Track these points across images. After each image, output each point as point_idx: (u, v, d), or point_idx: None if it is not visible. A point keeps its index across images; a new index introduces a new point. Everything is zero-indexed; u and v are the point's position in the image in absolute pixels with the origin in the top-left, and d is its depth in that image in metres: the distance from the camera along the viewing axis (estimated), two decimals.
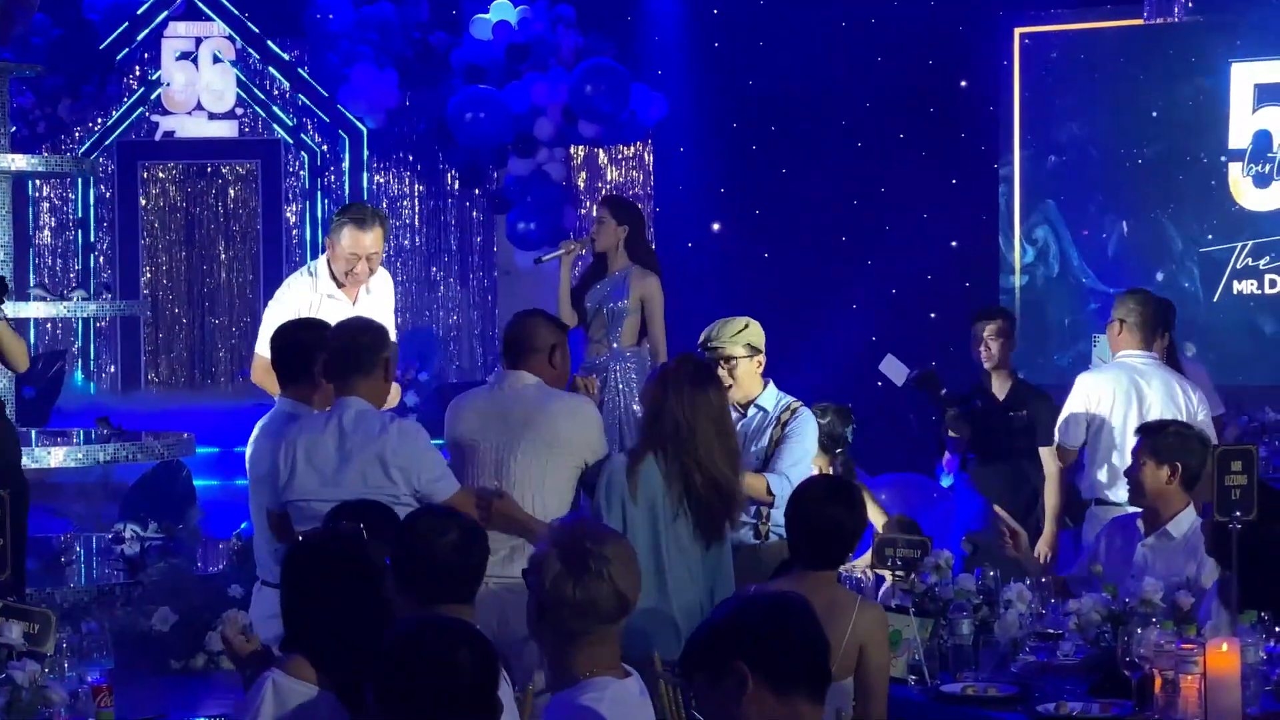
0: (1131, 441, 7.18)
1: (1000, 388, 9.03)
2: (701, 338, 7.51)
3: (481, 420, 6.60)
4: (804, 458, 7.31)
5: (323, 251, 8.01)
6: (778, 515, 7.24)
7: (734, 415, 7.41)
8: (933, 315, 13.96)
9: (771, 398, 7.49)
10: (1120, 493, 7.64)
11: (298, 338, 6.62)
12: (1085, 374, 8.47)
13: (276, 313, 7.72)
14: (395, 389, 7.45)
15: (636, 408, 8.47)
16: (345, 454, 6.22)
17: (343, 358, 6.39)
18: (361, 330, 6.48)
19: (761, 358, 7.49)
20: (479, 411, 6.64)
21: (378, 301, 8.03)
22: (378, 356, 6.39)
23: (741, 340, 7.43)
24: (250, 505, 6.67)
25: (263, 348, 7.76)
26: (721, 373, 7.33)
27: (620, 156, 15.28)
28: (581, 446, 6.62)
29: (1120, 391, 8.25)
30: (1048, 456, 8.82)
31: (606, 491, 6.37)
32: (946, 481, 9.12)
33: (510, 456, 6.53)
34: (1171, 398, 8.19)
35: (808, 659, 3.56)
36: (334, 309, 7.61)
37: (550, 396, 6.67)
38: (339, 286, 7.88)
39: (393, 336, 7.92)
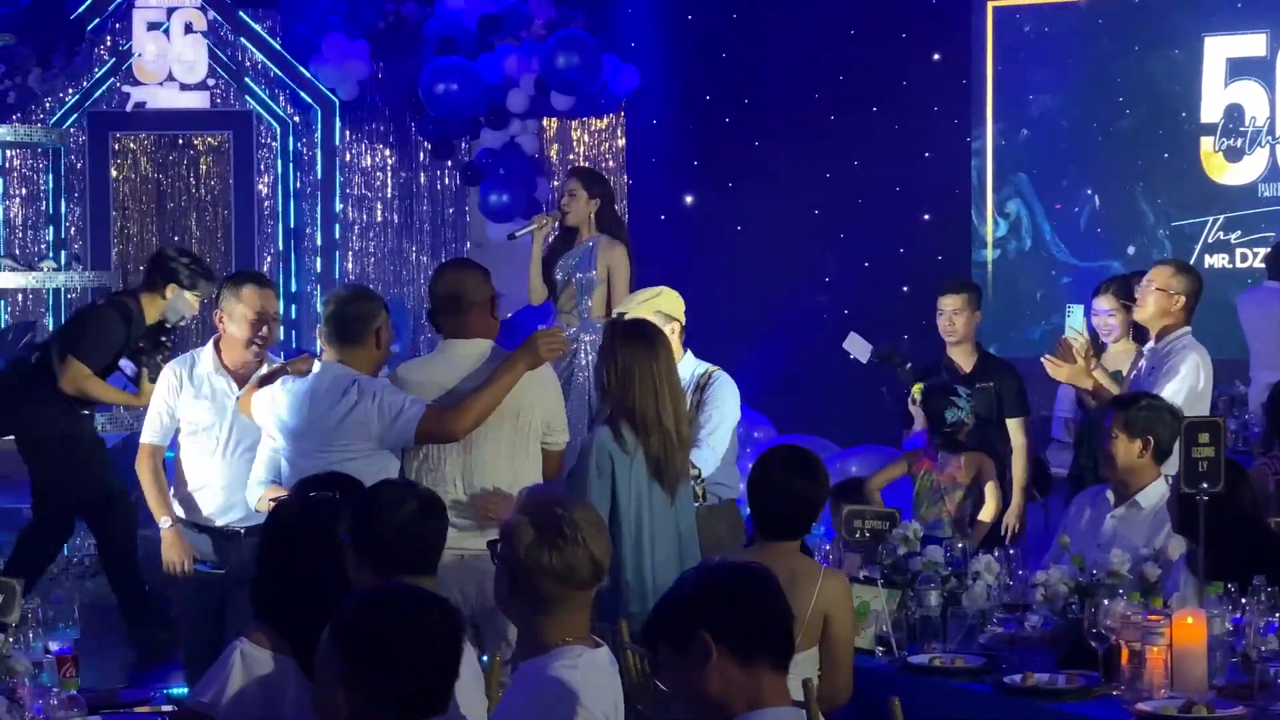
0: None
1: (966, 360, 9.02)
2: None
3: (440, 395, 6.53)
4: (722, 423, 7.38)
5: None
6: (715, 478, 7.35)
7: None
8: (905, 289, 13.96)
9: (688, 366, 7.48)
10: None
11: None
12: (1197, 352, 7.98)
13: (155, 401, 7.39)
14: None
15: None
16: (315, 415, 6.32)
17: (345, 328, 6.47)
18: (353, 299, 6.59)
19: (676, 325, 7.48)
20: (434, 385, 6.56)
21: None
22: (370, 326, 6.51)
23: (650, 308, 7.43)
24: None
25: (148, 435, 7.43)
26: None
27: (593, 128, 15.25)
28: (543, 411, 6.61)
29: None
30: (1015, 428, 8.83)
31: (597, 462, 6.37)
32: None
33: (478, 432, 6.50)
34: None
35: (772, 629, 3.58)
36: (213, 390, 7.24)
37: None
38: (227, 371, 7.26)
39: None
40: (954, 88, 14.26)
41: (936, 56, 14.47)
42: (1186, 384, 7.78)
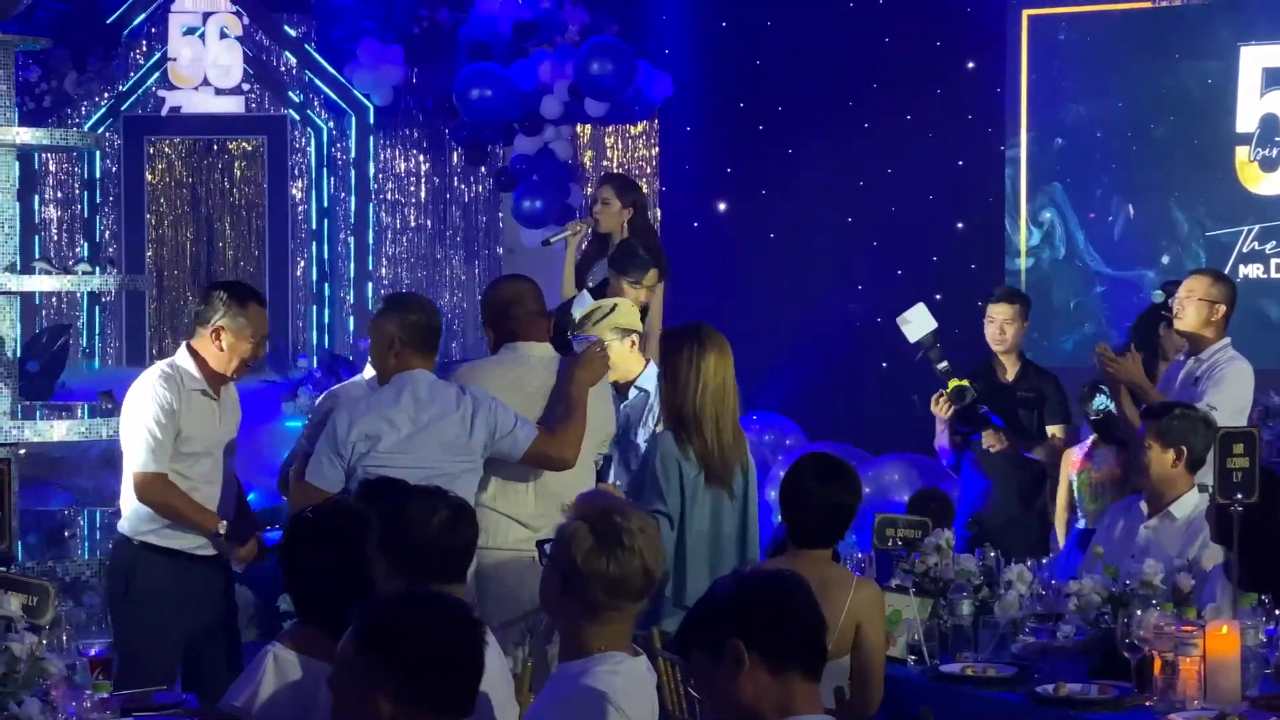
0: None
1: (1009, 369, 9.02)
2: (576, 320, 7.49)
3: (506, 397, 6.57)
4: None
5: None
6: None
7: (613, 397, 7.35)
8: (938, 297, 13.89)
9: (652, 378, 7.44)
10: None
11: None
12: (1243, 363, 8.06)
13: (151, 423, 6.73)
14: None
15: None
16: (423, 422, 6.31)
17: (434, 336, 6.57)
18: (437, 311, 6.72)
19: (635, 337, 7.45)
20: (500, 388, 6.61)
21: (233, 405, 7.09)
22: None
23: (607, 325, 7.37)
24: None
25: (157, 464, 6.73)
26: None
27: (627, 135, 15.24)
28: (605, 421, 6.74)
29: None
30: (1058, 434, 8.84)
31: (664, 469, 6.39)
32: (948, 462, 9.13)
33: None
34: None
35: (804, 637, 3.57)
36: (203, 407, 6.85)
37: None
38: (209, 383, 6.86)
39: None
40: (988, 96, 14.23)
41: (971, 65, 14.44)
42: (1235, 394, 7.77)
